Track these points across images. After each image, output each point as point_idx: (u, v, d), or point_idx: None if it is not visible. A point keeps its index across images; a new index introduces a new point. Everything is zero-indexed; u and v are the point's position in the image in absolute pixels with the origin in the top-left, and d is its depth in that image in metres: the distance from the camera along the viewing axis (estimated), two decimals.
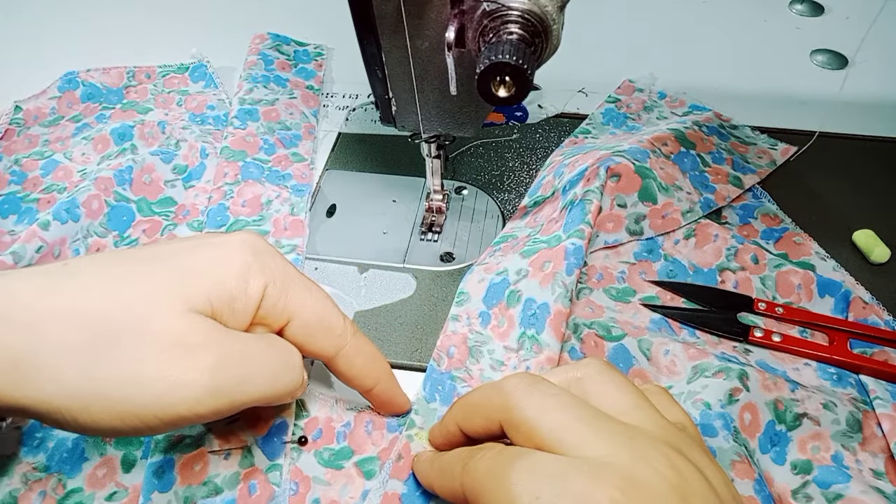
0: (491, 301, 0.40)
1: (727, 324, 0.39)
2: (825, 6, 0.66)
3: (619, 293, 0.41)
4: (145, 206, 0.47)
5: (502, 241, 0.44)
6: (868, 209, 0.46)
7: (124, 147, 0.50)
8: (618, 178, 0.42)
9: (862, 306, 0.39)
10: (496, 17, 0.32)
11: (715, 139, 0.49)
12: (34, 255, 0.40)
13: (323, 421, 0.36)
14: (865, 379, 0.37)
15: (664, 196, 0.43)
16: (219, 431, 0.35)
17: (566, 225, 0.40)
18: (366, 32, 0.36)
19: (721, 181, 0.46)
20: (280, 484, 0.33)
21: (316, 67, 0.60)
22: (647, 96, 0.55)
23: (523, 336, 0.37)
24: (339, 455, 0.34)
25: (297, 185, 0.49)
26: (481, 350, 0.38)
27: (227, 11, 0.68)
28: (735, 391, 0.34)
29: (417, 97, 0.39)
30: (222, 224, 0.45)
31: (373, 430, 0.35)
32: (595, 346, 0.38)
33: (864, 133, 0.52)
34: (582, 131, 0.53)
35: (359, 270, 0.45)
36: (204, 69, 0.59)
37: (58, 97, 0.55)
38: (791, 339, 0.38)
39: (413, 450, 0.34)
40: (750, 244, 0.42)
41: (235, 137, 0.50)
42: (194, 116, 0.55)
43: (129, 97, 0.56)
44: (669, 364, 0.37)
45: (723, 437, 0.33)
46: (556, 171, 0.47)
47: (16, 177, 0.49)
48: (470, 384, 0.36)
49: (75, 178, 0.49)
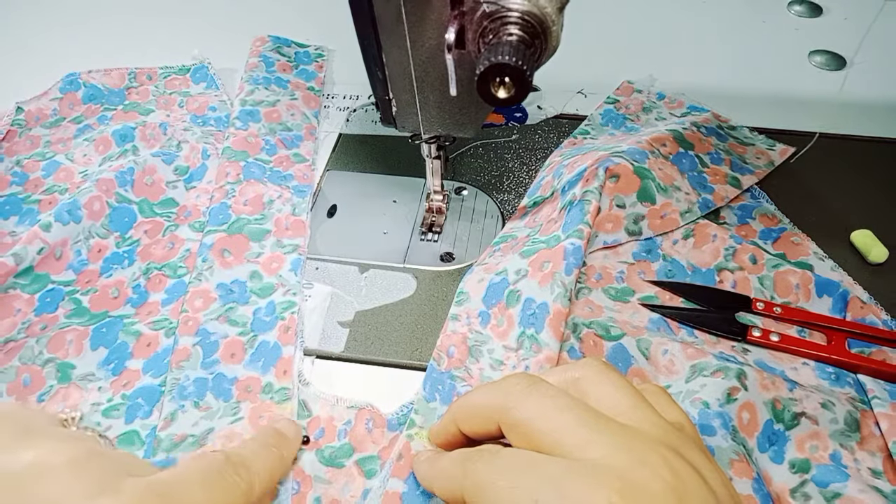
0: (490, 301, 0.40)
1: (725, 323, 0.39)
2: (824, 7, 0.66)
3: (617, 293, 0.41)
4: (147, 208, 0.47)
5: (502, 241, 0.44)
6: (866, 209, 0.46)
7: (126, 148, 0.50)
8: (616, 179, 0.42)
9: (860, 306, 0.39)
10: (496, 19, 0.32)
11: (713, 140, 0.49)
12: (35, 257, 0.41)
13: (325, 420, 0.36)
14: (864, 378, 0.37)
15: (663, 196, 0.43)
16: (221, 430, 0.35)
17: (565, 225, 0.41)
18: (366, 33, 0.37)
19: (719, 182, 0.46)
20: (283, 482, 0.33)
21: (317, 69, 0.60)
22: (645, 97, 0.56)
23: (522, 335, 0.37)
24: (340, 453, 0.35)
25: (299, 185, 0.49)
26: (481, 349, 0.38)
27: (229, 13, 0.68)
28: (733, 390, 0.34)
29: (418, 98, 0.40)
30: (224, 222, 0.45)
31: (373, 428, 0.36)
32: (594, 346, 0.38)
33: (862, 133, 0.52)
34: (581, 132, 0.53)
35: (359, 270, 0.45)
36: (205, 70, 0.59)
37: (59, 98, 0.55)
38: (789, 339, 0.38)
39: (413, 449, 0.34)
40: (748, 244, 0.42)
41: (237, 138, 0.51)
42: (196, 118, 0.55)
43: (130, 98, 0.57)
44: (668, 363, 0.37)
45: (721, 435, 0.33)
46: (556, 172, 0.47)
47: (17, 178, 0.49)
48: (470, 383, 0.36)
49: (77, 180, 0.49)
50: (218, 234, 0.44)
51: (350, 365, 0.40)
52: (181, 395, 0.37)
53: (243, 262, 0.43)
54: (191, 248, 0.45)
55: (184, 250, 0.45)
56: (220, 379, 0.38)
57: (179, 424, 0.35)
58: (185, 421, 0.36)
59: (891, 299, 0.41)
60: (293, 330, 0.40)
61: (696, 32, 0.64)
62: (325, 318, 0.42)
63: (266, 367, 0.38)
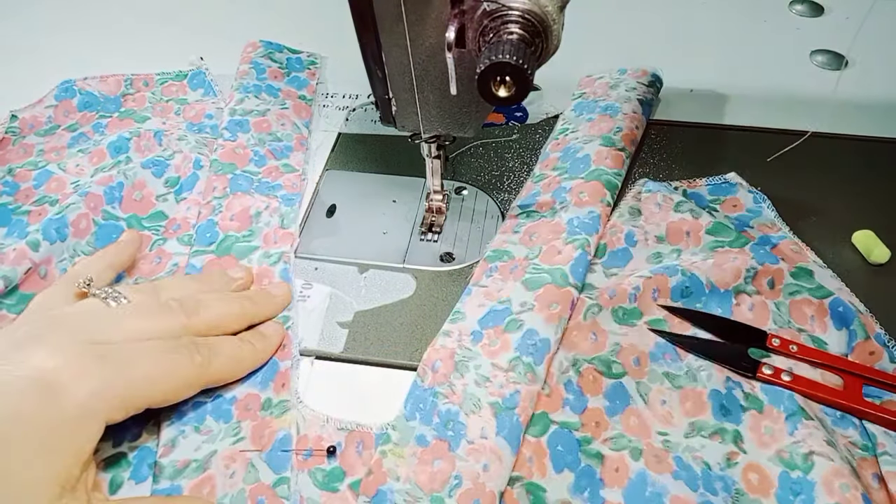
0: (487, 323, 0.39)
1: (736, 357, 0.38)
2: (825, 6, 0.66)
3: (625, 314, 0.40)
4: (135, 223, 0.46)
5: (497, 257, 0.43)
6: (868, 210, 0.46)
7: (119, 160, 0.49)
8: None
9: (869, 352, 0.38)
10: (496, 17, 0.32)
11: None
12: (21, 276, 0.40)
13: (313, 440, 0.35)
14: (874, 429, 0.35)
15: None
16: (224, 452, 0.35)
17: (573, 267, 0.41)
18: (366, 32, 0.36)
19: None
20: (289, 497, 0.33)
21: (309, 76, 0.59)
22: (608, 78, 0.56)
23: (517, 360, 0.37)
24: (332, 477, 0.34)
25: (287, 194, 0.48)
26: (467, 364, 0.37)
27: (226, 18, 0.68)
28: (732, 455, 0.34)
29: (417, 97, 0.39)
30: (212, 241, 0.45)
31: (363, 451, 0.35)
32: (593, 381, 0.37)
33: (863, 133, 0.52)
34: (561, 131, 0.52)
35: (359, 270, 0.45)
36: (203, 76, 0.58)
37: (54, 106, 0.55)
38: (802, 381, 0.37)
39: (384, 466, 0.33)
40: (771, 265, 0.40)
41: (225, 150, 0.50)
42: (192, 125, 0.54)
43: (126, 105, 0.56)
44: (665, 414, 0.36)
45: (722, 498, 0.33)
46: (556, 193, 0.46)
47: (8, 188, 0.48)
48: (452, 400, 0.36)
49: (68, 190, 0.48)
50: (207, 256, 0.44)
51: (349, 365, 0.40)
52: (180, 420, 0.36)
53: None
54: (179, 263, 0.44)
55: (171, 265, 0.44)
56: (218, 401, 0.37)
57: (181, 450, 0.35)
58: (186, 446, 0.35)
59: (893, 301, 0.41)
60: (289, 347, 0.39)
61: (697, 32, 0.64)
62: (324, 318, 0.42)
63: (265, 383, 0.38)
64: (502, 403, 0.35)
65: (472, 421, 0.35)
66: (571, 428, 0.35)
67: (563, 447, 0.35)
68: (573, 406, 0.36)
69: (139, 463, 0.35)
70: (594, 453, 0.34)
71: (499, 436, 0.34)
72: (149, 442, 0.35)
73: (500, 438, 0.34)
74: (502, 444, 0.34)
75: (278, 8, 0.68)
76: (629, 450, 0.34)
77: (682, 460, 0.34)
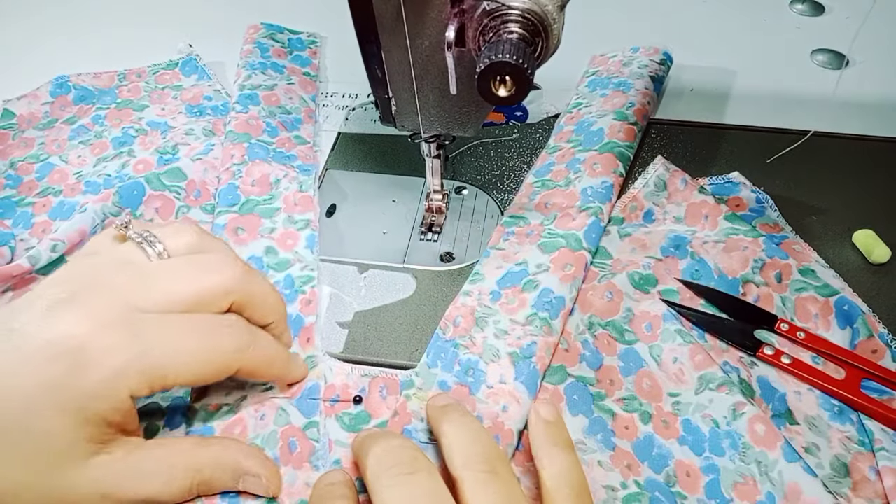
0: (505, 284, 0.41)
1: (740, 335, 0.38)
2: (825, 6, 0.66)
3: (641, 279, 0.41)
4: (154, 179, 0.46)
5: (513, 222, 0.45)
6: (868, 209, 0.46)
7: (122, 151, 0.50)
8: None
9: (872, 350, 0.38)
10: (496, 17, 0.32)
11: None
12: (51, 256, 0.41)
13: (340, 387, 0.37)
14: (871, 425, 0.35)
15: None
16: (254, 398, 0.36)
17: (587, 233, 0.42)
18: (366, 32, 0.36)
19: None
20: (319, 439, 0.34)
21: (311, 55, 0.60)
22: (621, 56, 0.57)
23: (534, 315, 0.38)
24: (358, 419, 0.36)
25: (303, 164, 0.49)
26: (487, 321, 0.39)
27: (214, 6, 0.68)
28: (738, 405, 0.34)
29: (417, 97, 0.39)
30: (234, 203, 0.45)
31: (387, 395, 0.37)
32: (608, 345, 0.39)
33: (865, 133, 0.52)
34: (575, 105, 0.53)
35: (359, 270, 0.44)
36: (194, 62, 0.59)
37: (50, 102, 0.55)
38: (801, 365, 0.37)
39: (409, 408, 0.35)
40: (780, 259, 0.41)
41: (238, 121, 0.51)
42: (191, 108, 0.55)
43: (122, 96, 0.56)
44: (677, 372, 0.36)
45: (729, 456, 0.33)
46: (571, 164, 0.47)
47: (11, 181, 0.49)
48: (472, 351, 0.37)
49: (71, 181, 0.49)
50: (230, 215, 0.45)
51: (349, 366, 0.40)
52: None
53: (257, 238, 0.44)
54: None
55: None
56: None
57: (212, 397, 0.36)
58: (218, 390, 0.36)
59: (894, 300, 0.41)
60: (314, 303, 0.41)
61: (698, 31, 0.64)
62: (323, 318, 0.42)
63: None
64: (520, 353, 0.37)
65: (492, 368, 0.36)
66: (587, 383, 0.37)
67: (579, 397, 0.37)
68: (590, 362, 0.38)
69: (172, 412, 0.36)
70: (607, 409, 0.36)
71: (517, 380, 0.36)
72: (181, 391, 0.36)
73: (519, 383, 0.36)
74: (520, 389, 0.35)
75: (275, 7, 0.68)
76: (639, 413, 0.36)
77: (691, 423, 0.35)
